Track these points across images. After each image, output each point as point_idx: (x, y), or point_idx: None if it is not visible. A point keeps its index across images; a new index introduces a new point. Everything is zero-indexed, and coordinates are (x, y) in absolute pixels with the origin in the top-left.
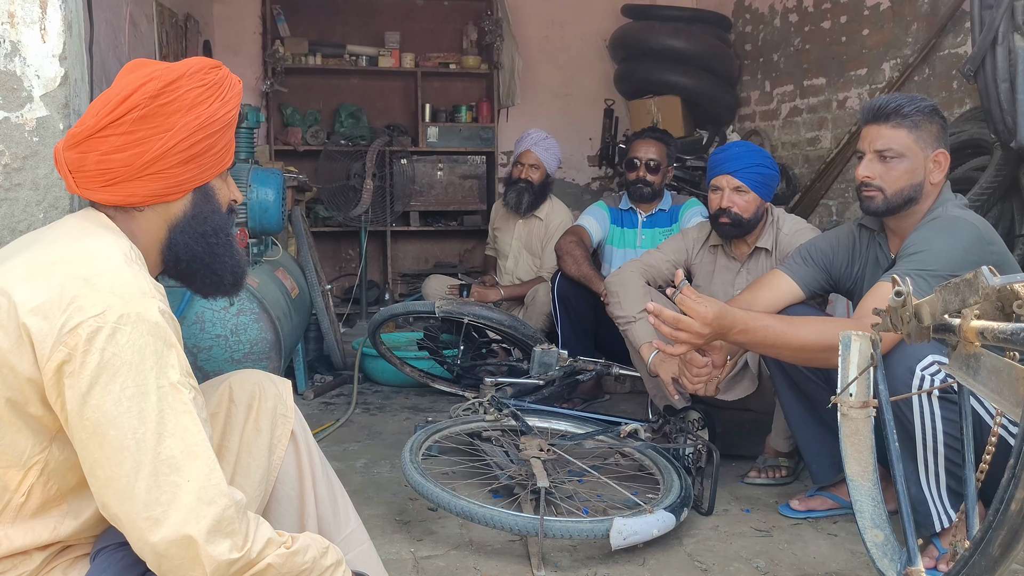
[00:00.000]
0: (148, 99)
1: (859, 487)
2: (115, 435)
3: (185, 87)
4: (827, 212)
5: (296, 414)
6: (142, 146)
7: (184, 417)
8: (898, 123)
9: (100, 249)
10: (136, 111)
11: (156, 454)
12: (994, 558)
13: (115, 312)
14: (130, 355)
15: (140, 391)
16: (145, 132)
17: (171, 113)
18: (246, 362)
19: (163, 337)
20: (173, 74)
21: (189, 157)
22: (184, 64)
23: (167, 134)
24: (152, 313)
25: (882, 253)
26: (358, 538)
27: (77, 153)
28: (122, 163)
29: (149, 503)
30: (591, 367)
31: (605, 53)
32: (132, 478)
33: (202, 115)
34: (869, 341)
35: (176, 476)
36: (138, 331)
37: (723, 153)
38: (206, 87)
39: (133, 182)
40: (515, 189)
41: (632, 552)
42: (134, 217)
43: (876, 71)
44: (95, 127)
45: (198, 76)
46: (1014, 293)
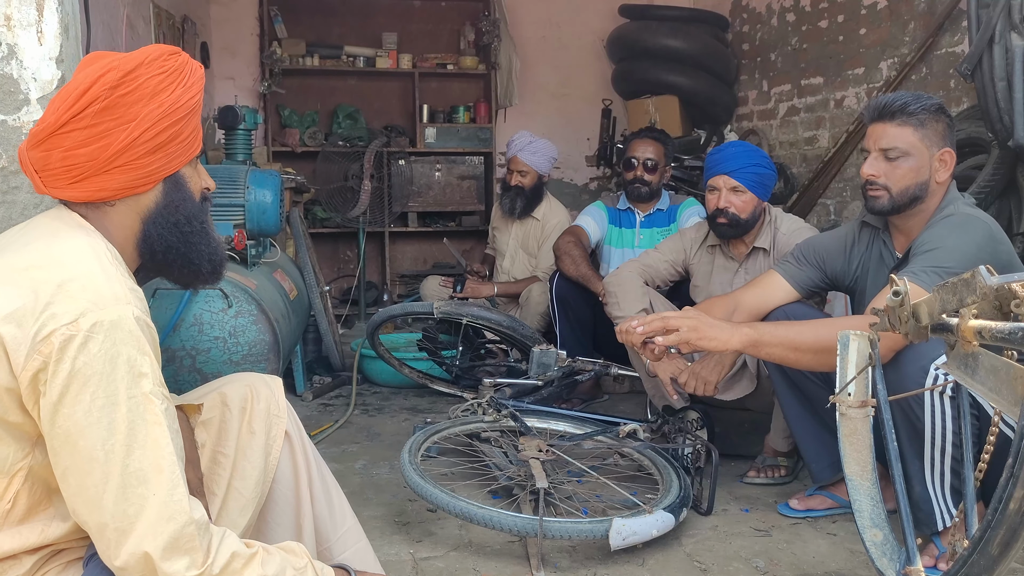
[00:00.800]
0: (108, 90)
1: (858, 486)
2: (85, 445)
3: (145, 75)
4: (825, 211)
5: (289, 413)
6: (106, 139)
7: (154, 428)
8: (904, 121)
9: (73, 252)
10: (97, 103)
11: (124, 466)
12: (993, 557)
13: (88, 320)
14: (101, 365)
15: (110, 401)
16: (108, 124)
17: (133, 103)
18: (244, 364)
19: (136, 345)
20: (132, 63)
21: (155, 147)
22: (142, 52)
23: (130, 124)
24: (126, 320)
25: (887, 250)
26: (354, 536)
27: (41, 152)
28: (87, 158)
29: (116, 514)
30: (590, 367)
31: (602, 53)
32: (101, 489)
33: (165, 103)
34: (867, 340)
35: (143, 489)
36: (111, 339)
37: (720, 153)
38: (166, 74)
39: (100, 176)
40: (508, 195)
41: (631, 552)
42: (106, 213)
43: (873, 70)
44: (56, 123)
45: (157, 63)
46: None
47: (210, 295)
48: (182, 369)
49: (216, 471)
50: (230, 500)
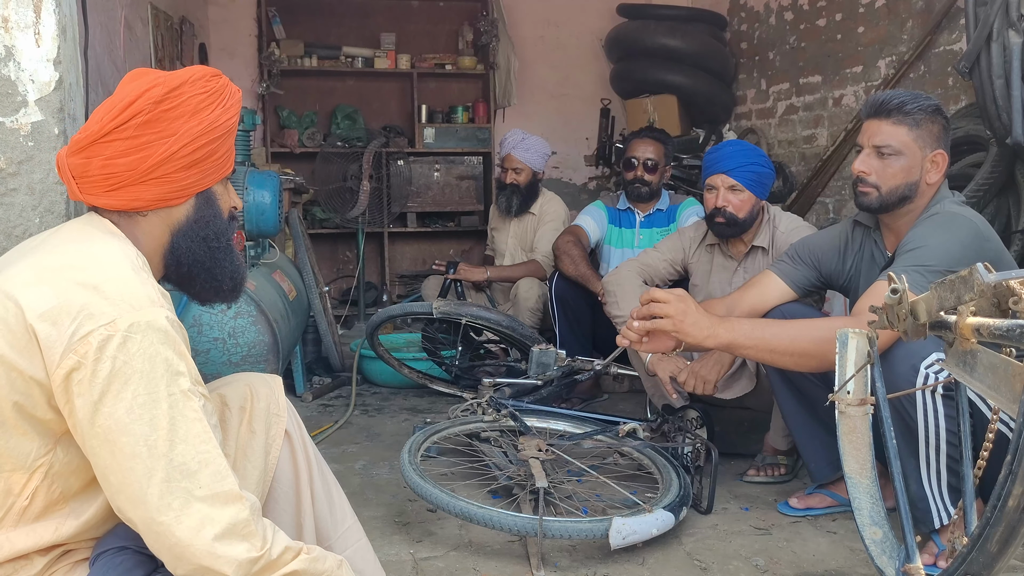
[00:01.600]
0: (152, 104)
1: (857, 485)
2: (127, 442)
3: (188, 93)
4: (824, 210)
5: (289, 411)
6: (146, 150)
7: (195, 424)
8: (899, 120)
9: (108, 256)
10: (140, 116)
11: (168, 460)
12: (992, 554)
13: (125, 320)
14: (141, 363)
15: (151, 399)
16: (149, 137)
17: (174, 118)
18: (244, 365)
19: (173, 345)
20: (176, 80)
21: (192, 162)
22: (187, 71)
23: (171, 139)
24: (161, 321)
25: (878, 250)
26: (354, 534)
27: (81, 159)
28: (126, 167)
29: (162, 508)
30: (589, 367)
31: (601, 53)
32: (144, 484)
33: (204, 121)
34: (866, 339)
35: (188, 482)
36: (148, 339)
37: (717, 152)
38: (208, 94)
39: (137, 186)
40: (504, 194)
41: (631, 551)
42: (137, 222)
43: (872, 68)
44: (99, 132)
45: (200, 83)
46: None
47: None
48: None
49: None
50: None
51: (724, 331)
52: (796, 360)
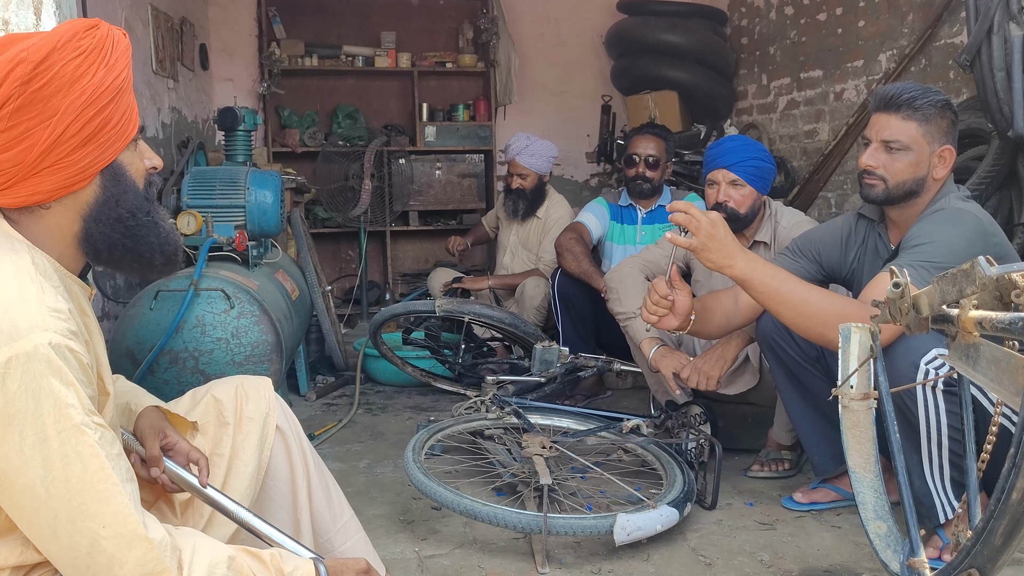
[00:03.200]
0: (20, 87)
1: (861, 479)
2: (24, 483)
3: (59, 62)
4: (826, 204)
5: (281, 407)
6: (28, 140)
7: (91, 461)
8: (909, 115)
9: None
10: (10, 103)
11: (68, 501)
12: (996, 547)
13: (2, 355)
14: (23, 402)
15: (40, 438)
16: (27, 124)
17: (50, 96)
18: (247, 365)
19: (58, 375)
20: (41, 51)
21: (84, 139)
22: (54, 34)
23: (52, 120)
24: (42, 349)
25: (882, 243)
26: (352, 529)
27: None
28: (11, 163)
29: (72, 546)
30: (592, 364)
31: (601, 49)
32: (51, 524)
33: (87, 89)
34: (869, 333)
35: (91, 522)
36: (28, 374)
37: (718, 148)
38: (83, 55)
39: (30, 180)
40: (511, 198)
41: (636, 548)
42: (41, 216)
43: (873, 62)
44: None
45: (71, 45)
46: (1012, 282)
47: (212, 296)
48: (185, 371)
49: (212, 472)
50: None
51: (744, 266)
52: (799, 323)
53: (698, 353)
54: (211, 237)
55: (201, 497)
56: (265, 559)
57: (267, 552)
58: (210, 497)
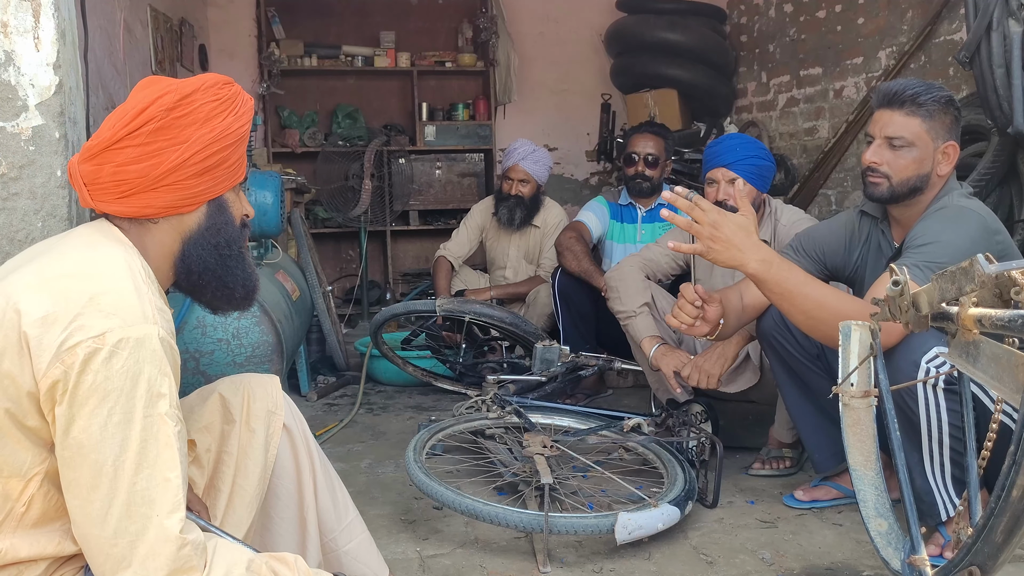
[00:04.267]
0: (164, 111)
1: (862, 476)
2: (96, 459)
3: (200, 100)
4: (826, 202)
5: (288, 406)
6: (157, 157)
7: (165, 450)
8: (912, 111)
9: (109, 266)
10: (152, 123)
11: (132, 484)
12: (997, 544)
13: (115, 335)
14: (122, 381)
15: (126, 418)
16: (161, 144)
17: (186, 125)
18: (248, 366)
19: (158, 365)
20: (188, 88)
21: (203, 169)
22: (199, 79)
23: (182, 146)
24: (151, 340)
25: (885, 241)
26: (357, 528)
27: (92, 165)
28: (138, 174)
29: (119, 531)
30: (593, 362)
31: (601, 48)
32: (106, 504)
33: (216, 128)
34: (869, 331)
35: (147, 508)
36: (134, 357)
37: (718, 146)
38: (220, 101)
39: (148, 193)
40: (506, 206)
41: (637, 546)
42: (148, 230)
43: (872, 59)
44: (111, 139)
45: (212, 91)
46: (1011, 280)
47: None
48: (186, 371)
49: (221, 470)
50: (235, 497)
51: (756, 266)
52: (811, 325)
53: (699, 351)
54: None
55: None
56: (289, 561)
57: (291, 556)
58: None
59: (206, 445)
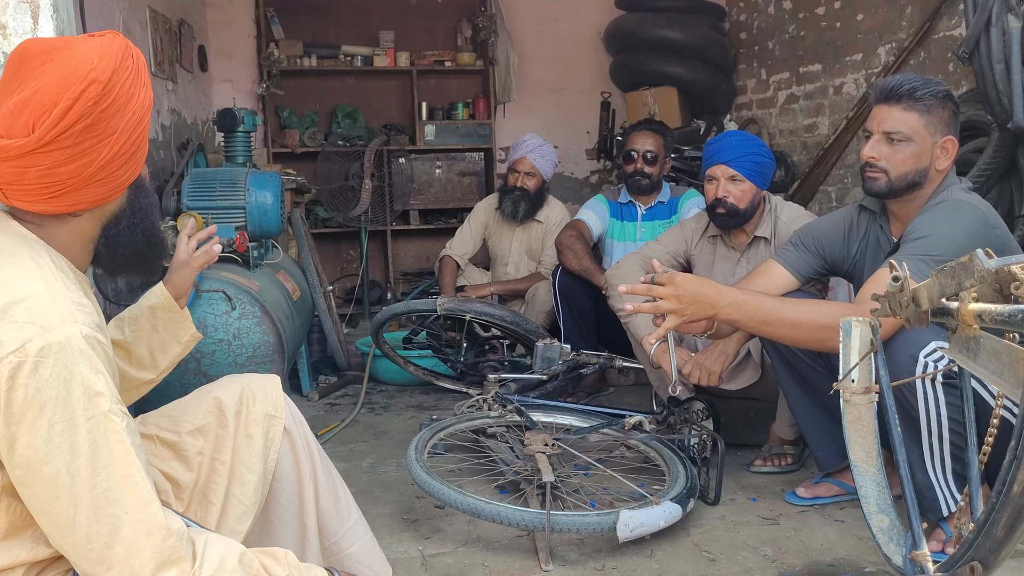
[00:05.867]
0: (91, 107)
1: (863, 473)
2: (49, 472)
3: (119, 83)
4: (826, 198)
5: (289, 408)
6: (88, 156)
7: (118, 447)
8: (910, 106)
9: (16, 272)
10: (81, 122)
11: (92, 487)
12: (998, 539)
13: (36, 344)
14: (55, 389)
15: (69, 424)
16: (91, 141)
17: (112, 115)
18: (249, 366)
19: (89, 364)
20: (107, 71)
21: (130, 155)
22: (109, 53)
23: (111, 137)
24: (75, 340)
25: (883, 236)
26: (360, 530)
27: (14, 167)
28: (69, 175)
29: (91, 536)
30: (594, 360)
31: (600, 46)
32: (71, 513)
33: (135, 109)
34: (869, 327)
35: (114, 508)
36: (61, 362)
37: (717, 143)
38: (131, 75)
39: (79, 191)
40: (511, 198)
41: (639, 544)
42: (66, 222)
43: (872, 56)
44: (37, 142)
45: (124, 65)
46: (1011, 275)
47: (213, 298)
48: (187, 372)
49: (214, 479)
50: (229, 508)
51: (728, 311)
52: (796, 341)
53: (700, 349)
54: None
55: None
56: (279, 556)
57: (281, 551)
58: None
59: (198, 448)
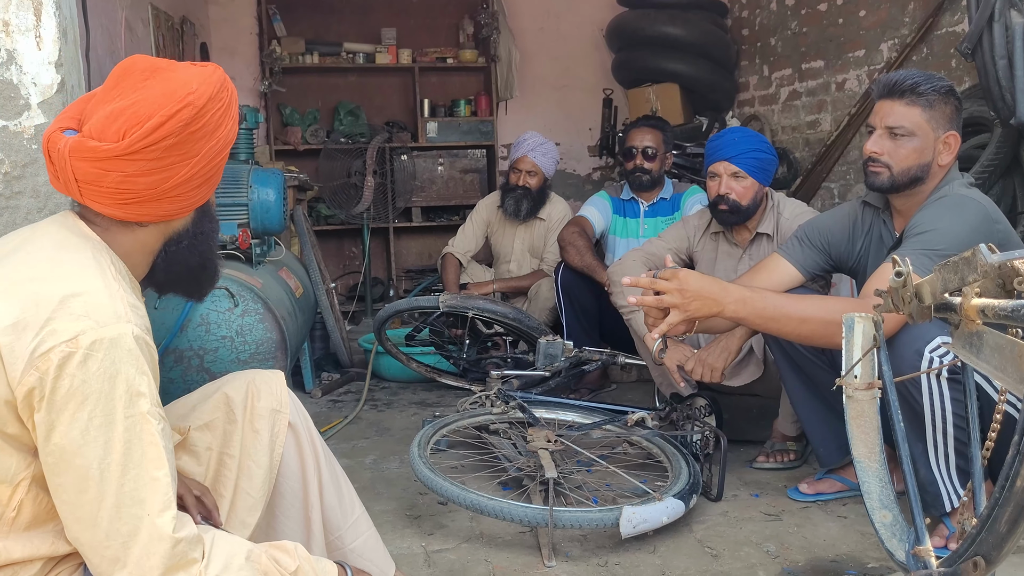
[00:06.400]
0: (182, 127)
1: (866, 469)
2: (81, 463)
3: (211, 111)
4: (829, 195)
5: (293, 403)
6: (168, 171)
7: (150, 449)
8: (913, 101)
9: (78, 266)
10: (169, 139)
11: (120, 486)
12: (1001, 534)
13: (88, 337)
14: (99, 383)
15: (107, 420)
16: (173, 158)
17: (198, 140)
18: (252, 363)
19: (135, 365)
20: (204, 97)
21: (205, 179)
22: (207, 80)
23: (192, 160)
24: (126, 339)
25: (886, 231)
26: (363, 525)
27: (97, 168)
28: (146, 187)
29: (111, 533)
30: (596, 357)
31: (602, 43)
32: (95, 507)
33: (221, 138)
34: (872, 323)
35: (138, 509)
36: (110, 358)
37: (719, 140)
38: (224, 107)
39: (151, 204)
40: (513, 196)
41: (642, 540)
42: (132, 230)
43: (874, 52)
44: (124, 149)
45: (219, 96)
46: (1014, 270)
47: (216, 294)
48: (190, 369)
49: (223, 473)
50: (238, 501)
51: (733, 307)
52: (802, 338)
53: (702, 345)
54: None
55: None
56: (289, 548)
57: (291, 543)
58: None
59: (207, 443)
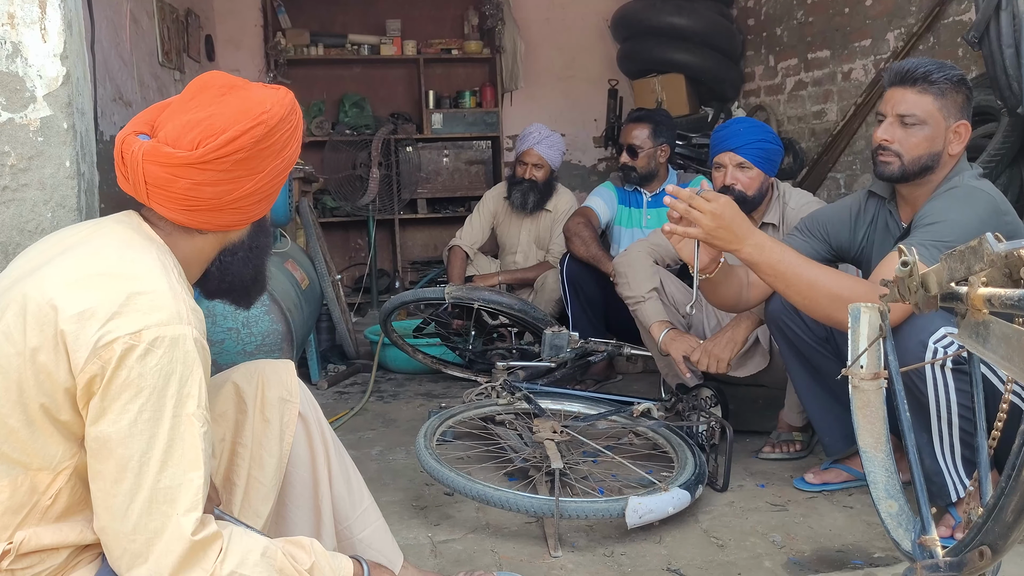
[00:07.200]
0: (253, 143)
1: (872, 458)
2: (123, 453)
3: (280, 131)
4: (835, 185)
5: (302, 393)
6: (234, 184)
7: (191, 451)
8: (924, 89)
9: (146, 265)
10: (240, 153)
11: (156, 481)
12: (1007, 524)
13: (151, 333)
14: (155, 379)
15: (156, 416)
16: (241, 172)
17: (266, 157)
18: (258, 354)
19: (190, 366)
20: (276, 117)
21: (265, 196)
22: (280, 102)
23: (258, 175)
24: (185, 341)
25: (892, 220)
26: (372, 515)
27: (168, 173)
28: (212, 196)
29: (138, 527)
30: (602, 348)
31: (607, 33)
32: (128, 500)
33: (286, 158)
34: (878, 312)
35: (169, 507)
36: (168, 356)
37: (725, 130)
38: (292, 129)
39: (214, 213)
40: (520, 189)
41: (648, 530)
42: (191, 236)
43: (880, 41)
44: (198, 158)
45: (289, 118)
46: (1021, 259)
47: None
48: None
49: (236, 462)
50: (251, 491)
51: (751, 250)
52: (806, 305)
53: (708, 336)
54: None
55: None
56: (305, 544)
57: (306, 539)
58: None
59: (220, 435)
